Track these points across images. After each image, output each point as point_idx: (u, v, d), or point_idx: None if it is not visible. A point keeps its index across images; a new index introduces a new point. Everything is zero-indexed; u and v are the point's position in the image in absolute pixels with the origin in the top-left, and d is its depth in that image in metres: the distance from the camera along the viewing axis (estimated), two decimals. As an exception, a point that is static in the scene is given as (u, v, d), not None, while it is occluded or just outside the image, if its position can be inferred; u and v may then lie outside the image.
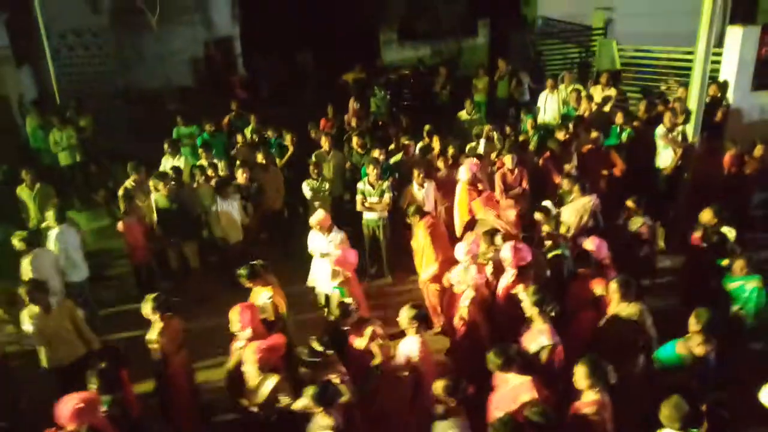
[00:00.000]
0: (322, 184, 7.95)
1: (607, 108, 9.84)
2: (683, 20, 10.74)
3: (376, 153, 7.97)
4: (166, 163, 8.84)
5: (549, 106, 10.47)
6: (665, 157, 8.17)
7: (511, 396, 4.00)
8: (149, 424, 4.88)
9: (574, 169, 7.84)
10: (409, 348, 4.52)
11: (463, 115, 10.29)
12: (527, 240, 6.43)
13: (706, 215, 6.12)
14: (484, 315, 5.25)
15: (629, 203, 6.41)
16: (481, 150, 8.62)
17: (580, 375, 3.80)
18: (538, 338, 4.47)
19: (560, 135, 8.20)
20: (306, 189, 7.91)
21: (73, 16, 12.49)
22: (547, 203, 6.55)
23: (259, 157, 8.24)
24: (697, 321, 4.46)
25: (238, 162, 8.21)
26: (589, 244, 5.52)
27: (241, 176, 7.80)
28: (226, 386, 4.75)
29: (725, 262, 5.52)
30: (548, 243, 5.95)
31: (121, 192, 7.72)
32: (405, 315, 4.57)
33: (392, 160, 8.30)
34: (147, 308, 4.91)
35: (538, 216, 6.24)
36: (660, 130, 8.12)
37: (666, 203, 8.19)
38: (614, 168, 8.01)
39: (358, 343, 4.85)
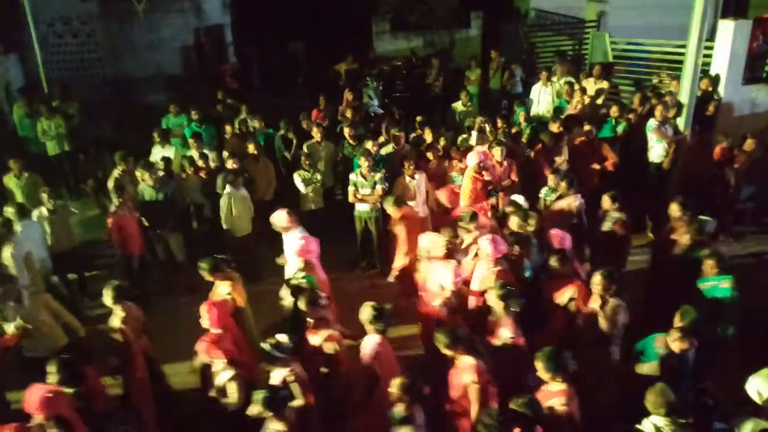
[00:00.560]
0: (314, 175, 7.91)
1: (599, 101, 9.85)
2: (675, 13, 10.79)
3: (368, 144, 7.93)
4: (156, 153, 8.76)
5: (542, 98, 10.47)
6: (657, 151, 8.20)
7: (457, 376, 4.15)
8: (113, 420, 4.81)
9: (565, 163, 7.85)
10: (368, 347, 4.47)
11: (459, 106, 10.26)
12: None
13: (673, 208, 6.10)
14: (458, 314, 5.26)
15: (605, 200, 6.30)
16: (473, 142, 8.61)
17: (539, 368, 3.91)
18: (501, 331, 4.57)
19: (553, 128, 8.20)
20: (298, 180, 7.87)
21: (61, 3, 12.30)
22: (517, 197, 6.59)
23: (250, 148, 8.18)
24: (681, 318, 4.52)
25: (226, 153, 8.14)
26: (554, 237, 5.58)
27: (231, 167, 7.74)
28: (200, 379, 4.86)
29: (703, 253, 5.39)
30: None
31: (111, 183, 7.65)
32: (364, 314, 4.51)
33: (383, 152, 8.27)
34: (108, 298, 4.97)
35: (508, 209, 6.24)
36: (652, 123, 8.14)
37: (657, 196, 8.23)
38: (606, 162, 8.02)
39: (314, 339, 4.76)
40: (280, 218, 6.22)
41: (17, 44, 11.72)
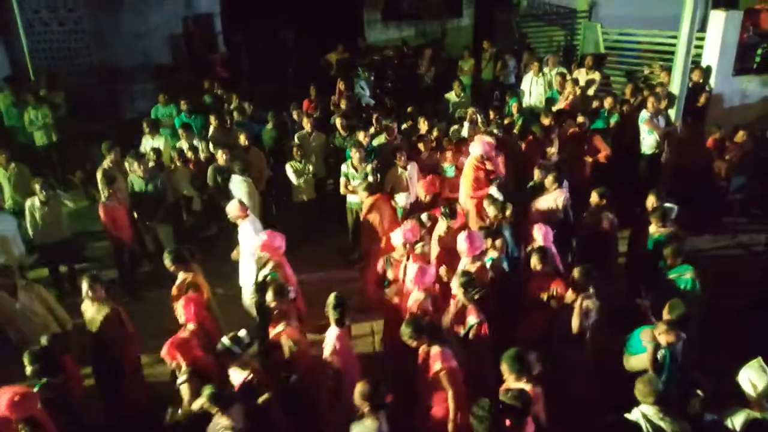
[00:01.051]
0: (305, 166, 7.87)
1: (591, 92, 9.84)
2: (667, 4, 10.78)
3: (360, 135, 7.88)
4: (146, 144, 8.66)
5: (534, 89, 10.44)
6: (649, 142, 8.21)
7: (425, 366, 4.21)
8: (82, 410, 4.74)
9: (555, 155, 7.84)
10: (328, 341, 4.45)
11: (452, 96, 10.21)
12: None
13: (650, 200, 6.14)
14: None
15: (593, 196, 6.28)
16: (465, 133, 8.58)
17: (504, 370, 3.93)
18: (467, 318, 4.63)
19: (545, 120, 8.18)
20: (289, 171, 7.82)
21: (47, -10, 12.08)
22: (491, 190, 6.57)
23: (242, 139, 8.10)
24: (670, 311, 4.54)
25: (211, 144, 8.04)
26: (535, 231, 5.58)
27: (221, 158, 7.67)
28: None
29: (667, 251, 5.38)
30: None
31: (100, 174, 7.56)
32: (328, 305, 4.51)
33: (375, 143, 8.22)
34: (84, 289, 5.03)
35: (485, 202, 6.25)
36: (644, 114, 8.15)
37: (648, 188, 8.26)
38: (599, 153, 8.02)
39: (273, 332, 4.75)
40: (231, 208, 6.20)
41: (2, 32, 11.50)
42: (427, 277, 4.98)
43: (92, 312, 5.05)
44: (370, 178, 7.27)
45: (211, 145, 8.27)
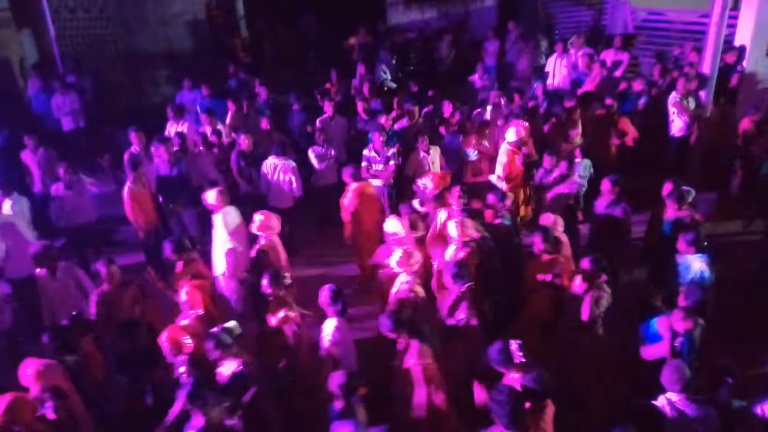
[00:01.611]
0: (327, 151, 7.86)
1: (618, 73, 9.62)
2: (699, -19, 10.42)
3: (381, 119, 7.84)
4: (171, 129, 8.75)
5: (558, 71, 10.25)
6: (678, 125, 8.01)
7: (401, 359, 4.24)
8: (110, 388, 4.80)
9: (579, 138, 7.70)
10: (326, 331, 4.43)
11: (475, 79, 10.06)
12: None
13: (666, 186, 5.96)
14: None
15: (605, 183, 6.07)
16: (488, 116, 8.48)
17: (491, 361, 3.89)
18: (458, 310, 4.59)
19: (570, 102, 8.02)
20: (312, 156, 7.83)
21: (72, -24, 12.21)
22: (493, 177, 6.46)
23: (263, 123, 8.12)
24: (686, 297, 4.46)
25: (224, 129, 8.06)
26: (544, 219, 5.52)
27: (245, 143, 7.70)
28: None
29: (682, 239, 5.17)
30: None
31: (126, 158, 7.66)
32: (322, 296, 4.47)
33: (396, 126, 8.16)
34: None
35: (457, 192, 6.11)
36: (673, 96, 7.94)
37: (677, 171, 8.07)
38: (626, 136, 7.85)
39: (272, 320, 4.71)
40: (210, 196, 6.13)
41: (30, 20, 11.68)
42: (412, 260, 4.96)
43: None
44: (391, 162, 7.23)
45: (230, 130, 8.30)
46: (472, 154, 7.62)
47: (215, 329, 4.23)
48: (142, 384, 4.88)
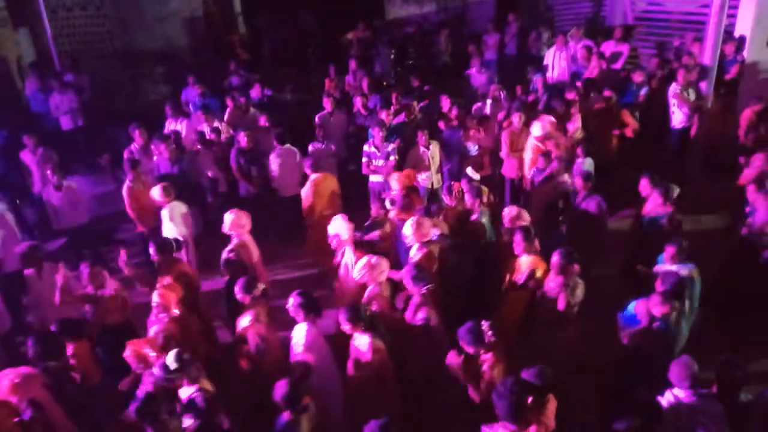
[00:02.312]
0: (328, 146, 7.84)
1: (618, 65, 9.57)
2: (699, -29, 10.36)
3: (382, 114, 7.81)
4: (170, 126, 8.72)
5: (558, 63, 10.19)
6: (678, 116, 7.97)
7: (355, 353, 4.25)
8: (93, 394, 4.66)
9: (579, 131, 7.66)
10: (296, 338, 4.39)
11: (473, 73, 10.02)
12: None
13: (643, 184, 5.88)
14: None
15: (577, 180, 6.04)
16: (487, 110, 8.44)
17: (463, 342, 3.94)
18: (419, 310, 4.57)
19: (570, 95, 7.98)
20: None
21: (68, -25, 12.16)
22: (468, 170, 6.39)
23: (261, 120, 8.10)
24: (663, 282, 4.44)
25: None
26: (509, 212, 5.46)
27: (244, 140, 7.68)
28: None
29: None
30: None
31: (125, 157, 7.64)
32: (291, 302, 4.43)
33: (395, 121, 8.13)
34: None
35: (464, 185, 6.09)
36: (673, 87, 7.90)
37: (677, 163, 8.05)
38: (626, 128, 7.82)
39: (242, 322, 4.65)
40: (155, 192, 6.28)
41: (27, 19, 11.65)
42: (424, 229, 4.94)
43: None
44: (392, 158, 7.21)
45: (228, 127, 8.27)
46: (473, 149, 7.59)
47: (168, 357, 3.97)
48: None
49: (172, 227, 6.35)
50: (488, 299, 5.24)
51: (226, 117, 8.80)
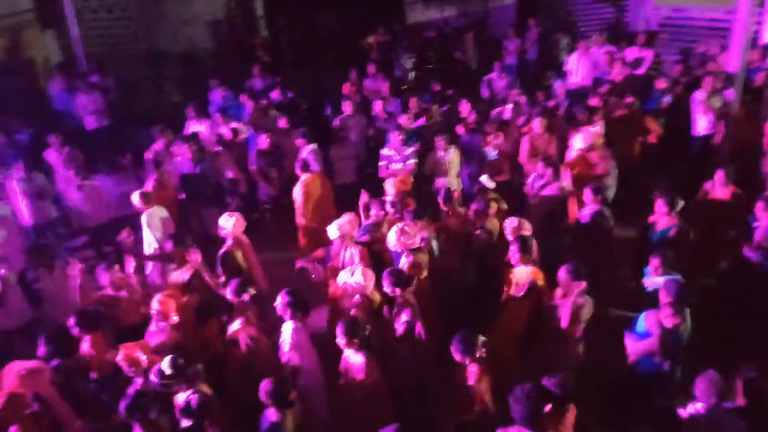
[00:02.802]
0: (348, 150, 7.87)
1: (642, 71, 9.46)
2: (725, -23, 10.21)
3: (402, 118, 7.82)
4: (191, 128, 8.82)
5: (580, 69, 10.11)
6: (702, 123, 7.85)
7: (347, 366, 4.25)
8: (102, 392, 4.57)
9: (601, 137, 7.56)
10: (284, 336, 4.40)
11: (493, 78, 9.97)
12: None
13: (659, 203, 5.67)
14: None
15: (586, 193, 5.89)
16: (507, 115, 8.40)
17: (454, 351, 3.97)
18: (400, 314, 4.57)
19: (592, 101, 7.91)
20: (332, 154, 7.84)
21: (94, -23, 12.38)
22: (482, 178, 6.39)
23: (281, 123, 8.16)
24: (667, 293, 4.34)
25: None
26: (509, 222, 5.38)
27: (264, 142, 7.73)
28: None
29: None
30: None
31: (149, 157, 7.75)
32: (279, 300, 4.44)
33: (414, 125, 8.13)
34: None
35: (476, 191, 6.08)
36: (699, 95, 7.78)
37: (701, 171, 7.91)
38: (649, 134, 7.71)
39: (233, 325, 4.67)
40: (135, 197, 6.27)
41: (53, 21, 11.87)
42: (407, 237, 4.98)
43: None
44: (410, 162, 7.21)
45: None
46: (492, 154, 7.55)
47: (163, 363, 3.99)
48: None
49: (149, 234, 6.29)
50: (489, 309, 5.21)
51: (247, 118, 8.87)
